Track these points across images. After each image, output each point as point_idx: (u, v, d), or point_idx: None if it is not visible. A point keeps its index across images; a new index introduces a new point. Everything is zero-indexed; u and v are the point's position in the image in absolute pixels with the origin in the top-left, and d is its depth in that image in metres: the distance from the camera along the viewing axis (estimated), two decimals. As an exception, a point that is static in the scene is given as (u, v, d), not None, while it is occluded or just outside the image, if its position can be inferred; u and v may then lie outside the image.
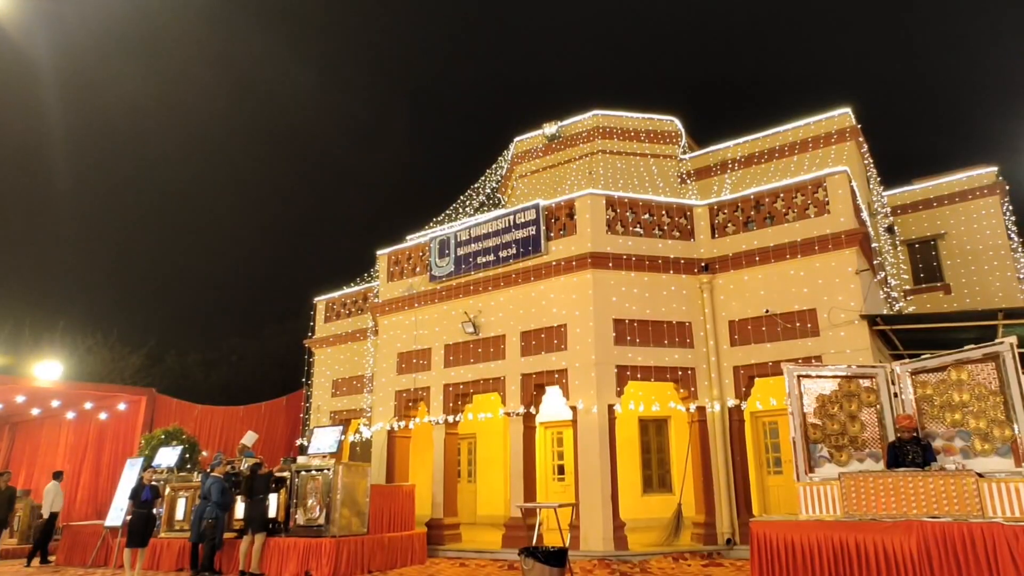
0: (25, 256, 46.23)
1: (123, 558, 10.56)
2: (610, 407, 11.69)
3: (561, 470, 15.56)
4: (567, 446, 14.98)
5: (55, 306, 38.30)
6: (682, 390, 12.16)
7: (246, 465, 11.18)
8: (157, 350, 33.77)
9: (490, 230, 13.75)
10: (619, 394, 11.79)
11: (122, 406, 17.37)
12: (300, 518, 10.54)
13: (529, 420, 12.64)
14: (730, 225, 12.68)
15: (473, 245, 13.91)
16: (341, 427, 12.31)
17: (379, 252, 16.06)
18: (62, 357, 24.79)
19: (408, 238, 16.38)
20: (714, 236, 12.76)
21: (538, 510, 10.06)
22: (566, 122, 18.72)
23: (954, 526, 6.29)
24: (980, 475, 6.76)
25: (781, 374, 8.78)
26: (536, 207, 13.17)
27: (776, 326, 11.66)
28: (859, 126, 16.75)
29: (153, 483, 10.68)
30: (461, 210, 18.13)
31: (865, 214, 13.32)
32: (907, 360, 8.57)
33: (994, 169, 18.36)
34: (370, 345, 16.64)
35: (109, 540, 12.17)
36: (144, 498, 10.36)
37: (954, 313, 11.36)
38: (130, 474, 12.77)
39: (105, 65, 49.70)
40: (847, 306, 11.03)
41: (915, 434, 7.82)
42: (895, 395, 8.38)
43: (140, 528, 10.23)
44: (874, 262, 12.79)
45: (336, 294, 19.10)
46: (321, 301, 19.41)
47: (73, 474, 16.67)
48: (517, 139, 19.80)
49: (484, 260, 13.64)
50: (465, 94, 69.21)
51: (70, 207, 50.96)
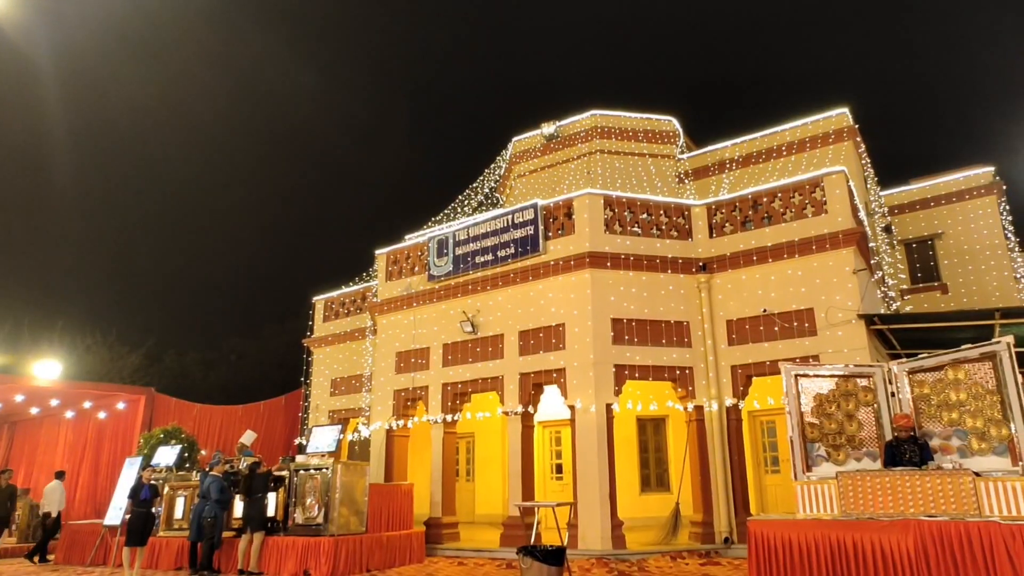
0: (24, 255, 46.23)
1: (122, 557, 10.57)
2: (608, 406, 11.72)
3: (559, 469, 15.58)
4: (565, 445, 15.01)
5: (54, 305, 38.30)
6: (680, 389, 12.19)
7: (245, 464, 11.20)
8: (156, 349, 33.83)
9: (488, 230, 13.76)
10: (617, 393, 11.81)
11: (121, 405, 17.36)
12: (299, 517, 10.56)
13: (527, 419, 12.66)
14: (728, 225, 12.71)
15: (471, 245, 13.92)
16: (340, 426, 12.33)
17: (378, 252, 16.07)
18: (61, 356, 24.79)
19: (406, 238, 16.39)
20: (712, 236, 12.78)
21: (536, 509, 10.07)
22: (564, 122, 18.72)
23: (951, 525, 6.31)
24: (977, 474, 6.79)
25: (779, 373, 8.81)
26: (534, 207, 13.19)
27: (774, 325, 11.69)
28: (856, 126, 16.78)
29: (152, 482, 10.69)
30: (459, 210, 18.13)
31: (862, 214, 13.36)
32: (904, 359, 8.59)
33: (991, 169, 18.39)
34: (369, 344, 16.66)
35: (108, 539, 12.18)
36: (143, 497, 10.37)
37: (951, 313, 11.38)
38: (129, 473, 12.78)
39: (105, 65, 49.69)
40: (844, 306, 11.06)
41: (912, 433, 7.87)
42: (892, 394, 8.41)
43: (139, 527, 10.23)
44: (871, 262, 12.83)
45: (335, 293, 19.11)
46: (320, 300, 19.43)
47: (72, 473, 16.64)
48: (515, 139, 19.80)
49: (482, 260, 13.66)
50: (465, 94, 69.27)
51: (70, 206, 50.94)
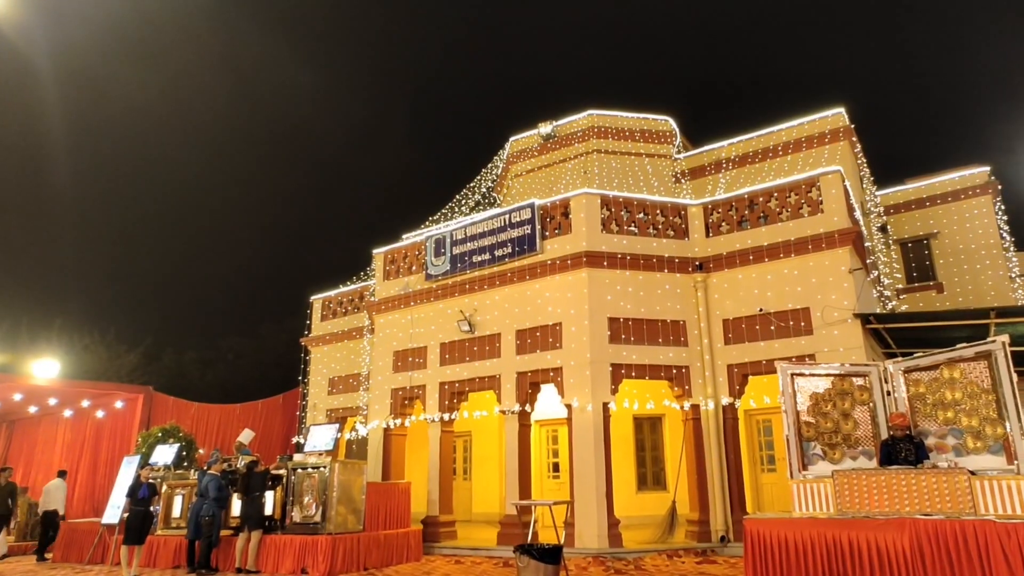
0: (23, 254, 46.07)
1: (120, 555, 10.56)
2: (605, 405, 11.75)
3: (556, 468, 15.62)
4: (562, 444, 15.04)
5: (52, 304, 38.28)
6: (676, 388, 12.23)
7: (243, 463, 11.21)
8: (154, 348, 33.86)
9: (485, 229, 13.78)
10: (614, 392, 11.85)
11: (119, 404, 17.36)
12: (296, 515, 10.58)
13: (524, 418, 12.70)
14: (724, 224, 12.75)
15: (469, 244, 13.94)
16: (337, 425, 12.33)
17: (375, 251, 16.08)
18: (59, 355, 24.73)
19: (404, 237, 16.39)
20: (708, 235, 12.82)
21: (533, 507, 10.09)
22: (561, 122, 18.73)
23: (946, 523, 6.34)
24: (972, 473, 6.82)
25: (775, 372, 8.84)
26: (531, 206, 13.21)
27: (770, 325, 11.73)
28: (852, 126, 16.83)
29: (150, 481, 10.71)
30: (457, 209, 18.14)
31: (858, 213, 13.41)
32: (900, 358, 8.63)
33: (986, 169, 18.46)
34: (366, 343, 16.68)
35: (106, 537, 12.18)
36: (141, 495, 10.37)
37: (946, 312, 11.42)
38: (127, 472, 12.78)
39: (105, 65, 49.44)
40: (840, 305, 11.11)
41: (908, 432, 7.90)
42: (888, 393, 8.45)
43: (137, 525, 10.24)
44: (867, 261, 12.87)
45: (332, 293, 19.12)
46: (317, 299, 19.44)
47: (71, 472, 16.63)
48: (513, 138, 19.81)
49: (480, 259, 13.68)
50: (463, 94, 69.06)
51: (69, 206, 50.73)
